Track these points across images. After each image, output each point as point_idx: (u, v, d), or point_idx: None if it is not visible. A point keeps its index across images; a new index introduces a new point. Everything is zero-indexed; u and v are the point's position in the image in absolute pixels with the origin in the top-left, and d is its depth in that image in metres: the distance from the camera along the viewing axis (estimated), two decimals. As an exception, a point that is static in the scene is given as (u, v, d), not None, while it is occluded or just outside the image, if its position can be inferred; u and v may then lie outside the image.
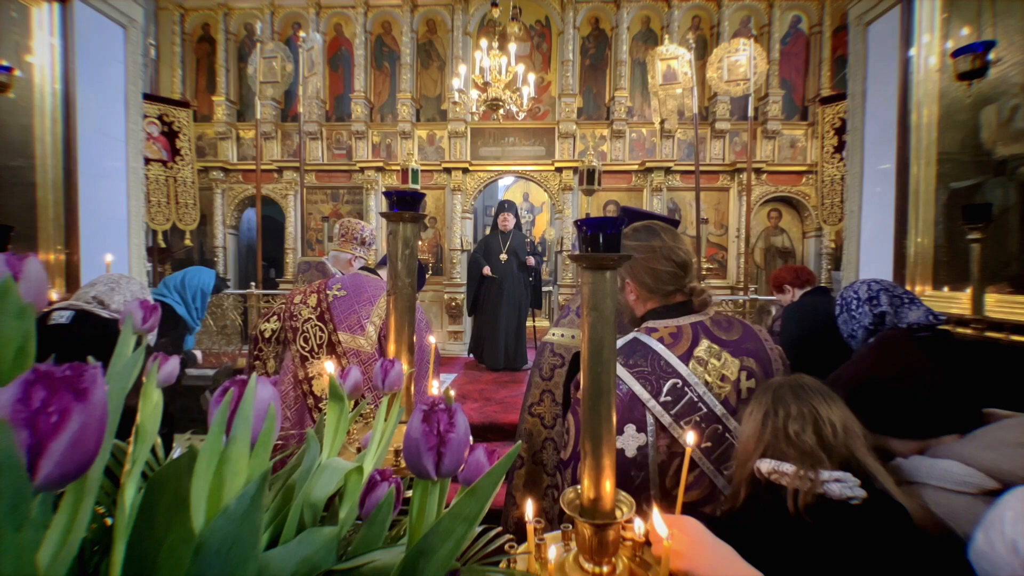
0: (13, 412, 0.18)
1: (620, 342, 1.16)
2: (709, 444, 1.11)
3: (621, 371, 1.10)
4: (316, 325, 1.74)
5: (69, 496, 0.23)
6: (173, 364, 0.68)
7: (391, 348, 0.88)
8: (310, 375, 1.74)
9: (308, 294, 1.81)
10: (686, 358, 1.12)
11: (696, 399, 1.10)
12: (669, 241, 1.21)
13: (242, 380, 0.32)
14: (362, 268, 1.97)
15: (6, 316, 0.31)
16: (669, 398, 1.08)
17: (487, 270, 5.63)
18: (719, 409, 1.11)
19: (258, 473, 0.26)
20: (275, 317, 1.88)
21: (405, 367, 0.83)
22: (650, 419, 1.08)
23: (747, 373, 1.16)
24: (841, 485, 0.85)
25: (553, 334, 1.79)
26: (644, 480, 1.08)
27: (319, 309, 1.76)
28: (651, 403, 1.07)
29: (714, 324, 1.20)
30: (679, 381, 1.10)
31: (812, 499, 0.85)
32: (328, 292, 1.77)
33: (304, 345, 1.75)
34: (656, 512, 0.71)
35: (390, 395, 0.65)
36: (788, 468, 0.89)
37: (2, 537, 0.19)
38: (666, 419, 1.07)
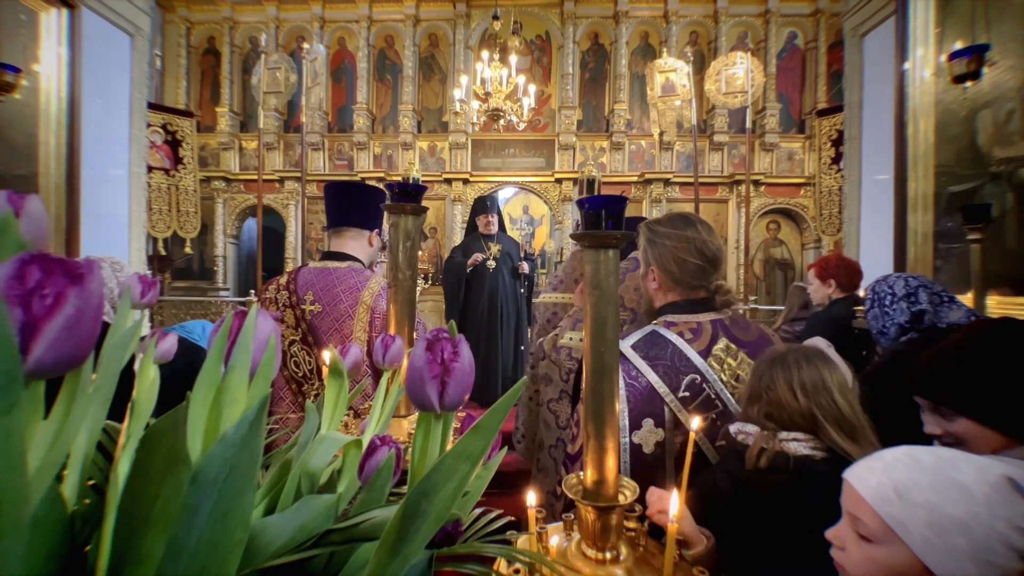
0: (7, 288, 0.18)
1: (638, 334, 1.15)
2: (724, 443, 1.09)
3: (640, 363, 1.08)
4: (303, 348, 1.58)
5: (64, 393, 0.22)
6: (171, 340, 0.68)
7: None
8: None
9: (282, 308, 1.62)
10: (705, 355, 1.11)
11: (714, 396, 1.08)
12: (703, 234, 1.16)
13: (242, 312, 0.31)
14: (326, 255, 1.71)
15: (5, 252, 0.31)
16: (687, 393, 1.07)
17: (476, 258, 4.21)
18: (734, 407, 1.09)
19: (257, 401, 0.25)
20: None
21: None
22: (667, 413, 1.06)
23: None
24: (797, 443, 0.90)
25: (571, 338, 1.76)
26: (661, 476, 1.06)
27: (300, 330, 1.58)
28: (669, 397, 1.06)
29: (733, 324, 1.18)
30: (698, 377, 1.08)
31: (773, 456, 0.90)
32: (304, 308, 1.59)
33: (296, 370, 1.59)
34: (674, 493, 0.70)
35: (391, 371, 0.64)
36: (752, 429, 0.94)
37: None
38: (683, 415, 1.05)
